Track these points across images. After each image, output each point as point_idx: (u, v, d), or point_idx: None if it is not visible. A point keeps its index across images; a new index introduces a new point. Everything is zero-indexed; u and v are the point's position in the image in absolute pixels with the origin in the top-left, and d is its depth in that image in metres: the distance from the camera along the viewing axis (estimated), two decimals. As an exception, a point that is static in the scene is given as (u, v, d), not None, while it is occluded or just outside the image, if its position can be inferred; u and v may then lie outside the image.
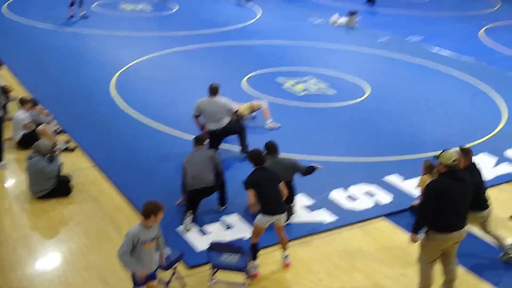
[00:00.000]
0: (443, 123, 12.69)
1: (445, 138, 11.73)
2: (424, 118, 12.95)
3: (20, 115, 10.84)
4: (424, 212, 6.65)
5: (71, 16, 19.73)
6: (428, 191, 6.66)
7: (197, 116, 10.44)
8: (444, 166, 6.63)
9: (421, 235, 6.74)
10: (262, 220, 7.38)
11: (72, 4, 19.69)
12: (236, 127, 10.59)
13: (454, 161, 6.58)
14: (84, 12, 19.90)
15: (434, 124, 12.66)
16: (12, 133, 10.87)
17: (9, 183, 9.76)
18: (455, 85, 15.30)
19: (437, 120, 12.88)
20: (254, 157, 7.59)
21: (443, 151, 6.73)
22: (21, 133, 10.74)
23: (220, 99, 10.49)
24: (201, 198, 8.62)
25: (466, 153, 7.99)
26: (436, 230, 6.58)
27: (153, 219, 6.18)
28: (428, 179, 8.70)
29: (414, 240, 6.77)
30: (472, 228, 8.15)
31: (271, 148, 8.59)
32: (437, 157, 6.71)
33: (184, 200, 8.76)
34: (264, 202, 7.37)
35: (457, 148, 7.87)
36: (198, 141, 8.99)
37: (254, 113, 12.23)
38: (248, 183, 7.43)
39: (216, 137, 10.47)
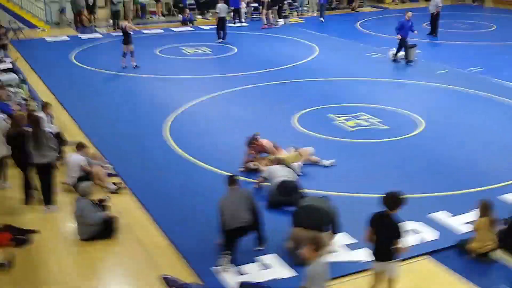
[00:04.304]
0: (499, 158, 12.28)
1: (499, 174, 11.36)
2: (478, 153, 12.59)
3: (75, 158, 11.18)
4: None
5: (124, 67, 20.10)
6: None
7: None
8: None
9: None
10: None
11: (124, 55, 20.09)
12: None
13: None
14: (135, 63, 20.16)
15: (489, 158, 12.28)
16: (66, 176, 11.20)
17: (59, 225, 10.05)
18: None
19: (493, 154, 12.49)
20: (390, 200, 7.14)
21: None
22: (76, 176, 11.04)
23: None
24: (238, 237, 8.59)
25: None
26: None
27: None
28: (485, 222, 8.36)
29: None
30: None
31: None
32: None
33: (222, 240, 8.78)
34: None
35: None
36: (232, 180, 8.99)
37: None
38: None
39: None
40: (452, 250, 8.81)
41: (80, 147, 11.45)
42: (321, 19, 29.52)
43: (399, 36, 20.08)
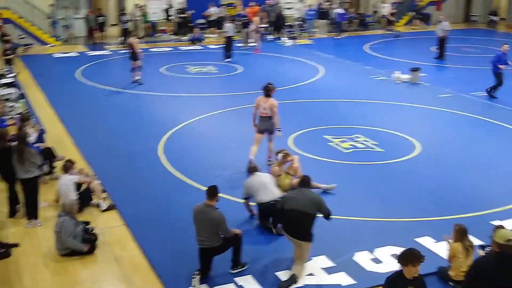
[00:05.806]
0: (493, 184, 12.04)
1: (491, 200, 11.15)
2: (472, 178, 12.34)
3: (66, 180, 10.81)
4: None
5: (136, 80, 20.46)
6: (471, 273, 6.27)
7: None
8: (496, 245, 6.15)
9: None
10: None
11: (133, 70, 20.48)
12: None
13: (508, 241, 6.00)
14: (138, 78, 20.52)
15: (483, 184, 12.05)
16: (61, 197, 10.69)
17: (40, 239, 9.95)
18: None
19: (487, 180, 12.23)
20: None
21: (497, 227, 6.29)
22: (74, 195, 10.64)
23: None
24: (210, 257, 8.47)
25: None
26: None
27: None
28: (459, 247, 8.18)
29: None
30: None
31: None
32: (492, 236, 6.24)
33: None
34: None
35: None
36: (211, 193, 8.48)
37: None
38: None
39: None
40: (433, 276, 8.61)
41: (67, 168, 11.08)
42: (340, 35, 31.44)
43: (503, 67, 18.65)
